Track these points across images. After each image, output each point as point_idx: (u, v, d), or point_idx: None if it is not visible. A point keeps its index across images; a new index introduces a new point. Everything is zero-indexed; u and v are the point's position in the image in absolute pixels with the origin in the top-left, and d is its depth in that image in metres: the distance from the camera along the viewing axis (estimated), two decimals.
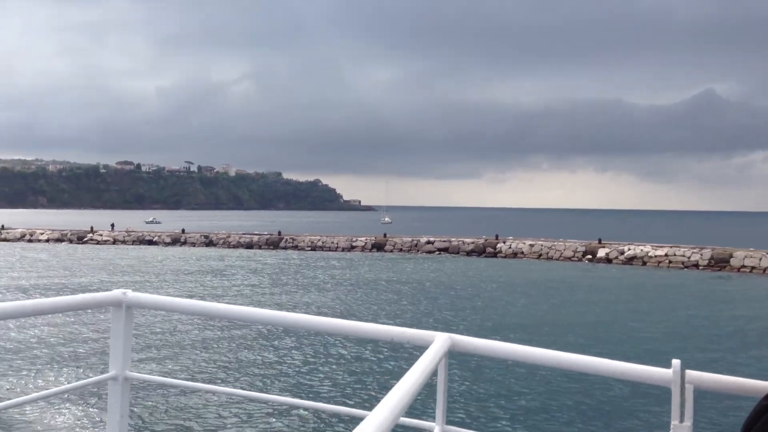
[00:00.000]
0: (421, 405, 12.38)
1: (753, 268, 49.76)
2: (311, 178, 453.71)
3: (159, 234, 73.53)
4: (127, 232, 75.00)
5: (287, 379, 17.69)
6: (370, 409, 1.62)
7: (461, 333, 2.62)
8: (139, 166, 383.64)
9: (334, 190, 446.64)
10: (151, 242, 71.42)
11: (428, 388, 2.29)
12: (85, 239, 72.69)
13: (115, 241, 71.96)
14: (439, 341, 2.46)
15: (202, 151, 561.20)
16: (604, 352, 20.10)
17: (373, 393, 16.28)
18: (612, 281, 44.15)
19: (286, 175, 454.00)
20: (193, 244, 70.28)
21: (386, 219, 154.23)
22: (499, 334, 24.13)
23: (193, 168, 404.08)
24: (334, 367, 18.87)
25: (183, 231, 74.69)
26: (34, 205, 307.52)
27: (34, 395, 3.07)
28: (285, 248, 68.12)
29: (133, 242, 71.57)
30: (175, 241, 71.16)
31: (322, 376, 17.97)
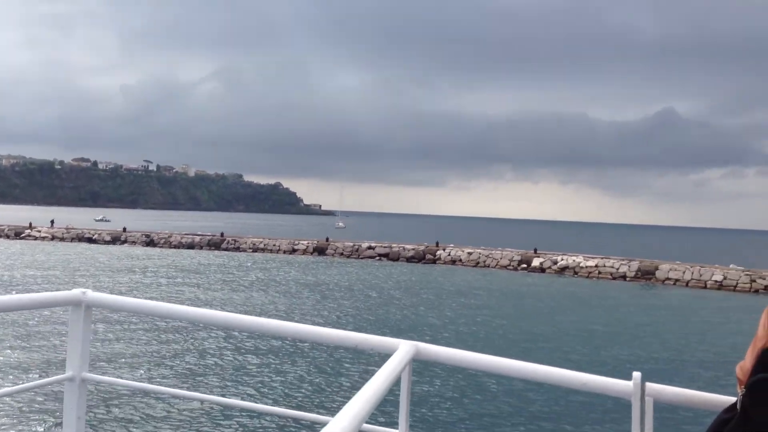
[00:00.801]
0: (384, 412, 12.28)
1: (677, 280, 51.27)
2: (272, 181, 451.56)
3: (99, 232, 72.62)
4: (66, 229, 73.88)
5: (248, 384, 17.43)
6: (332, 415, 1.60)
7: (409, 336, 2.78)
8: (95, 163, 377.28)
9: (294, 193, 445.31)
10: (90, 240, 70.48)
11: (391, 395, 2.28)
12: (23, 235, 71.45)
13: (53, 238, 70.83)
14: (403, 349, 2.45)
15: (163, 150, 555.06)
16: (531, 355, 20.69)
17: (337, 399, 16.15)
18: (537, 289, 45.08)
19: (247, 178, 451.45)
20: (134, 243, 69.55)
21: (340, 224, 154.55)
22: (437, 338, 24.65)
23: (152, 167, 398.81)
24: (296, 371, 18.66)
25: (124, 229, 73.91)
26: None
27: None
28: (227, 249, 67.85)
29: (72, 239, 70.53)
30: (116, 240, 70.34)
31: (284, 380, 17.75)
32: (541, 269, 57.98)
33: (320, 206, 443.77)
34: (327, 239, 69.92)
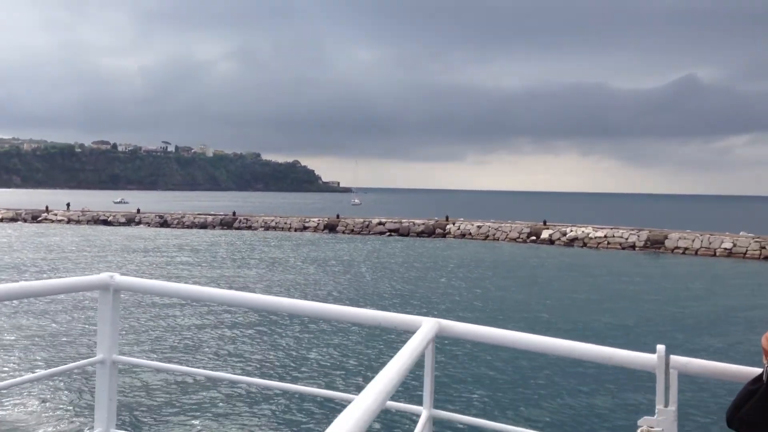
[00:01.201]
0: (408, 389, 12.38)
1: (686, 249, 51.06)
2: (290, 159, 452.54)
3: (114, 214, 73.64)
4: (82, 211, 75.02)
5: (274, 363, 17.69)
6: (357, 393, 1.63)
7: (423, 311, 2.97)
8: (115, 145, 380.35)
9: (312, 171, 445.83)
10: (106, 222, 71.56)
11: (415, 373, 2.31)
12: (40, 219, 72.66)
13: (69, 221, 71.98)
14: (426, 326, 2.46)
15: (182, 130, 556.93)
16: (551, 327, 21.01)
17: (361, 377, 16.25)
18: (543, 261, 45.16)
19: (265, 156, 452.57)
20: (148, 224, 70.52)
21: (356, 201, 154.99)
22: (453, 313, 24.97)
23: (171, 148, 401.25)
24: (321, 351, 18.82)
25: (138, 211, 74.87)
26: (7, 185, 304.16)
27: (22, 378, 3.04)
28: (239, 228, 68.60)
29: (88, 222, 71.65)
30: (130, 221, 71.35)
31: (309, 359, 17.95)
32: (550, 241, 57.97)
33: (338, 183, 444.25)
34: (338, 216, 70.32)
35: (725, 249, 49.38)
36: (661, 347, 2.23)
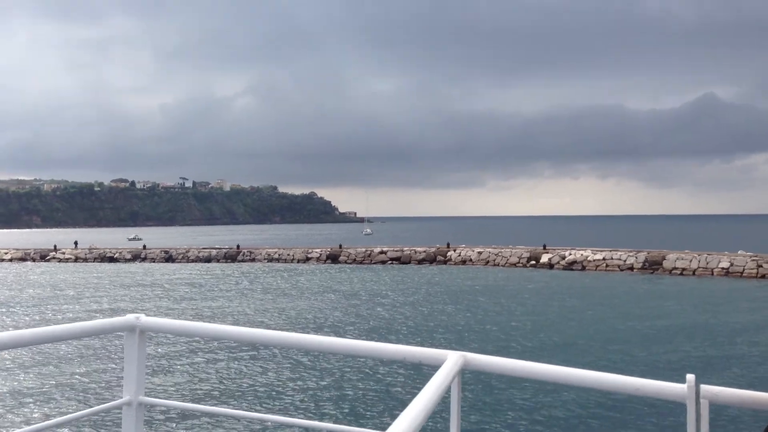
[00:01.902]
0: (434, 425, 12.27)
1: (683, 269, 50.72)
2: (307, 191, 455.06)
3: (120, 251, 74.70)
4: (89, 249, 76.16)
5: (300, 401, 17.59)
6: (383, 429, 1.61)
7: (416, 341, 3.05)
8: (133, 183, 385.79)
9: (329, 202, 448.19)
10: (111, 259, 72.56)
11: (442, 407, 2.29)
12: (48, 257, 73.88)
13: (76, 259, 73.11)
14: (451, 360, 2.45)
15: (200, 166, 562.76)
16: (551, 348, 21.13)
17: (387, 413, 16.13)
18: (543, 285, 45.11)
19: (281, 189, 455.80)
20: (153, 260, 71.40)
21: (367, 230, 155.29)
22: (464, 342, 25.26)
23: (188, 184, 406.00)
24: (346, 387, 18.67)
25: (144, 247, 75.87)
26: (28, 225, 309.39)
27: (48, 422, 2.94)
28: (242, 261, 69.22)
29: (94, 259, 72.71)
30: (136, 257, 72.30)
31: (334, 396, 17.84)
32: (550, 265, 57.87)
33: (355, 213, 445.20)
34: (340, 246, 70.75)
35: (722, 268, 49.01)
36: (690, 377, 2.18)
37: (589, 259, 56.37)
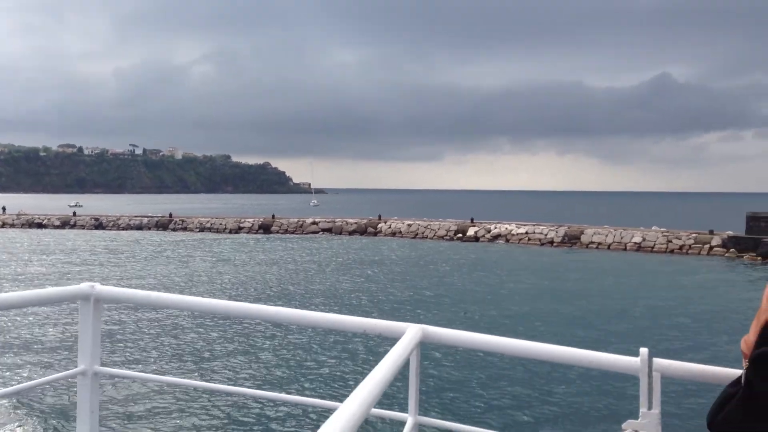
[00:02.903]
0: (392, 396, 12.30)
1: (599, 243, 52.28)
2: (261, 161, 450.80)
3: (49, 217, 73.36)
4: (17, 215, 74.61)
5: (257, 371, 17.48)
6: (341, 401, 1.61)
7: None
8: (81, 149, 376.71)
9: (283, 173, 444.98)
10: (40, 225, 71.29)
11: (400, 380, 2.31)
12: None
13: (3, 224, 71.58)
14: (410, 332, 2.45)
15: (156, 134, 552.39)
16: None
17: (345, 385, 16.09)
18: (461, 257, 46.03)
19: (236, 158, 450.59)
20: (83, 227, 70.37)
21: (314, 202, 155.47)
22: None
23: (138, 151, 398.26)
24: (304, 358, 18.61)
25: (74, 214, 74.65)
26: None
27: (3, 391, 2.96)
28: (174, 230, 68.69)
29: (22, 225, 71.33)
30: (65, 224, 71.15)
31: (291, 367, 17.75)
32: (476, 238, 58.92)
33: (309, 184, 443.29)
34: (273, 216, 70.72)
35: (635, 243, 50.66)
36: (644, 350, 2.21)
37: (513, 232, 57.57)
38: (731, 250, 45.86)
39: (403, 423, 2.57)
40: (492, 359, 17.61)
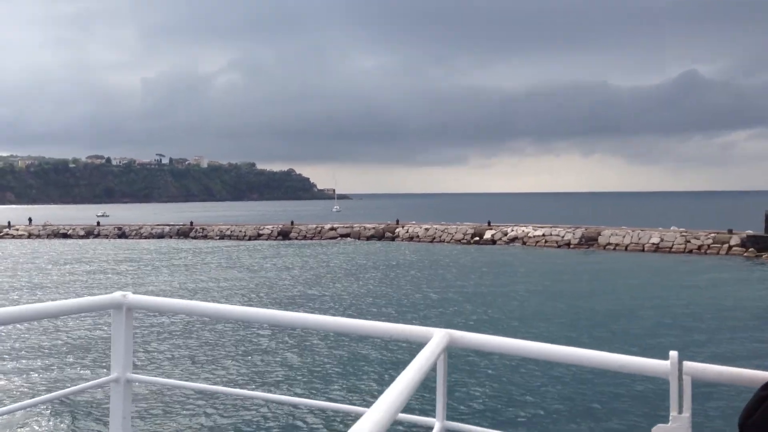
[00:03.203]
0: (420, 401, 12.47)
1: (617, 245, 51.92)
2: (285, 168, 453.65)
3: (74, 227, 74.79)
4: (43, 226, 76.15)
5: (287, 378, 17.60)
6: (369, 406, 1.61)
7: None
8: (109, 159, 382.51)
9: (308, 179, 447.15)
10: (65, 235, 72.68)
11: (427, 385, 2.32)
12: (1, 234, 73.77)
13: (30, 235, 73.13)
14: (437, 337, 2.46)
15: (181, 143, 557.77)
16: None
17: (373, 390, 16.20)
18: (473, 260, 46.05)
19: (260, 166, 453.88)
20: (107, 236, 71.61)
21: (336, 208, 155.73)
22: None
23: (165, 160, 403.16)
24: (332, 364, 18.77)
25: (98, 224, 76.00)
26: (1, 201, 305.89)
27: (36, 399, 3.01)
28: (195, 238, 69.64)
29: (48, 236, 72.77)
30: (89, 234, 72.48)
31: (320, 373, 17.90)
32: (493, 241, 58.90)
33: (333, 191, 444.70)
34: (292, 222, 71.30)
35: (653, 244, 50.26)
36: (674, 353, 2.20)
37: (529, 235, 57.44)
38: (750, 249, 45.32)
39: (430, 428, 2.56)
40: (519, 363, 17.59)
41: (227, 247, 60.52)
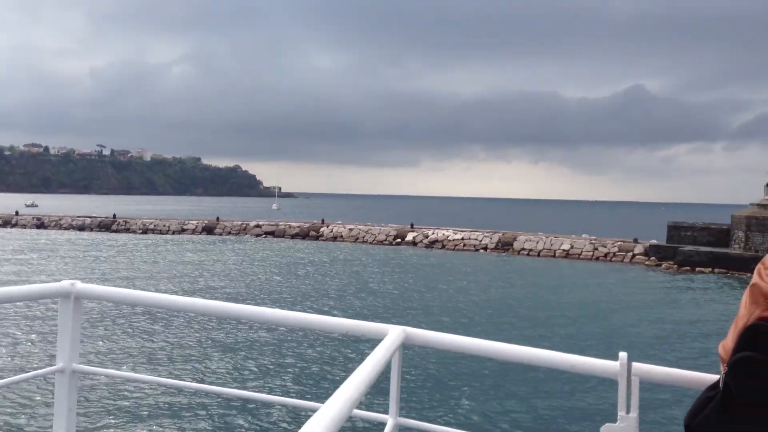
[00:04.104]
0: (373, 397, 12.27)
1: (530, 250, 53.12)
2: (231, 164, 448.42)
3: None
4: None
5: (238, 371, 17.37)
6: (323, 402, 1.61)
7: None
8: (47, 148, 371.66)
9: (254, 176, 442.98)
10: None
11: (381, 381, 2.31)
12: None
13: None
14: (393, 334, 2.46)
15: (127, 135, 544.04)
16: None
17: (326, 386, 16.11)
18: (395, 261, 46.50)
19: (206, 161, 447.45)
20: (24, 226, 69.74)
21: (275, 206, 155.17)
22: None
23: (106, 152, 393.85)
24: (285, 359, 18.54)
25: (16, 213, 73.97)
26: None
27: None
28: (117, 231, 68.31)
29: None
30: (6, 223, 70.46)
31: (273, 368, 17.67)
32: (414, 243, 59.50)
33: (280, 188, 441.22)
34: (217, 218, 70.68)
35: (564, 250, 51.62)
36: (623, 354, 2.23)
37: (449, 238, 58.25)
38: (651, 258, 46.94)
39: (383, 424, 2.55)
40: (472, 361, 17.61)
41: (146, 241, 59.60)
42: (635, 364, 2.23)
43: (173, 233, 67.02)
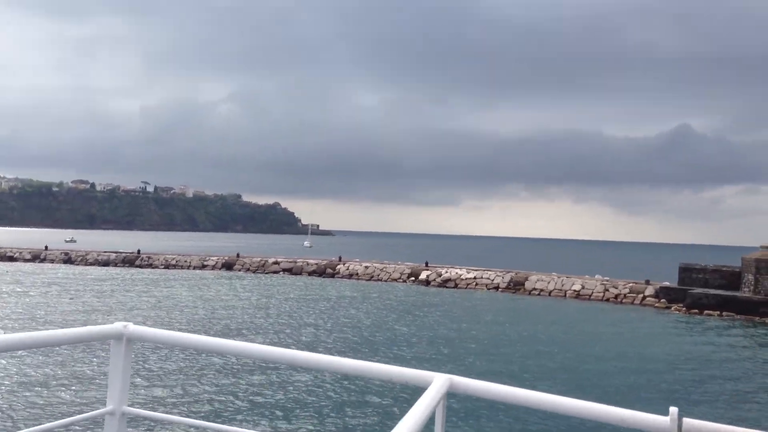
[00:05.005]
0: None
1: (541, 290, 52.60)
2: (271, 202, 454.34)
3: (21, 250, 74.98)
4: None
5: (285, 418, 17.31)
6: None
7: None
8: (93, 185, 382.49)
9: (292, 213, 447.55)
10: (11, 258, 72.81)
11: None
12: None
13: None
14: (438, 382, 2.45)
15: (172, 172, 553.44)
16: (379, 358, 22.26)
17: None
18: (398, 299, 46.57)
19: (247, 198, 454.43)
20: (52, 261, 71.80)
21: (306, 243, 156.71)
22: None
23: (150, 188, 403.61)
24: (333, 405, 18.48)
25: (46, 248, 76.23)
26: None
27: (29, 430, 2.88)
28: (140, 266, 69.91)
29: None
30: (35, 258, 72.66)
31: (321, 414, 17.66)
32: (427, 282, 59.48)
33: (318, 226, 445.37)
34: (237, 255, 71.76)
35: (574, 290, 50.99)
36: (674, 409, 2.23)
37: (462, 277, 58.09)
38: (662, 300, 46.02)
39: None
40: (520, 413, 17.22)
41: (170, 275, 60.81)
42: (686, 420, 2.23)
43: (194, 268, 68.29)
